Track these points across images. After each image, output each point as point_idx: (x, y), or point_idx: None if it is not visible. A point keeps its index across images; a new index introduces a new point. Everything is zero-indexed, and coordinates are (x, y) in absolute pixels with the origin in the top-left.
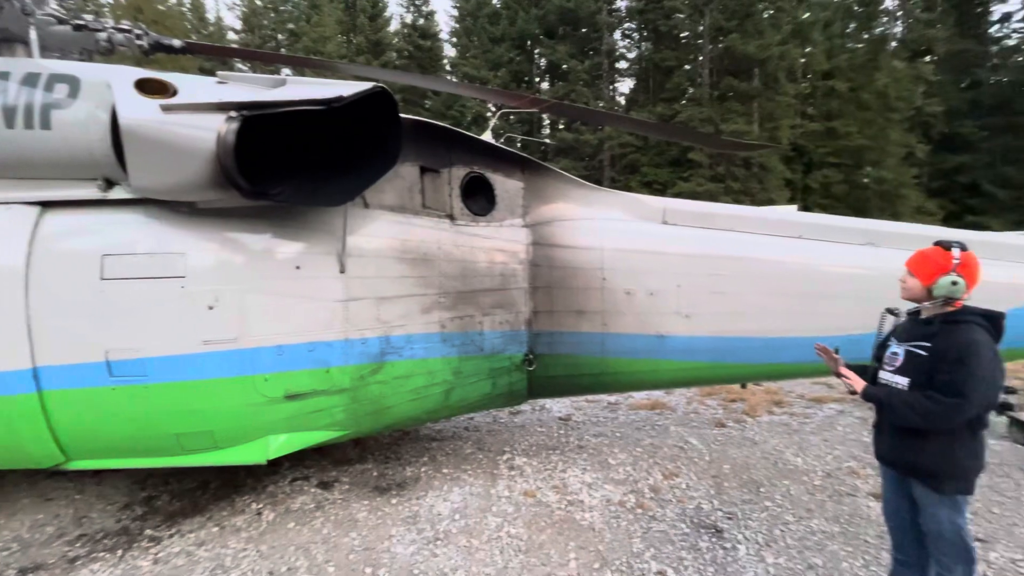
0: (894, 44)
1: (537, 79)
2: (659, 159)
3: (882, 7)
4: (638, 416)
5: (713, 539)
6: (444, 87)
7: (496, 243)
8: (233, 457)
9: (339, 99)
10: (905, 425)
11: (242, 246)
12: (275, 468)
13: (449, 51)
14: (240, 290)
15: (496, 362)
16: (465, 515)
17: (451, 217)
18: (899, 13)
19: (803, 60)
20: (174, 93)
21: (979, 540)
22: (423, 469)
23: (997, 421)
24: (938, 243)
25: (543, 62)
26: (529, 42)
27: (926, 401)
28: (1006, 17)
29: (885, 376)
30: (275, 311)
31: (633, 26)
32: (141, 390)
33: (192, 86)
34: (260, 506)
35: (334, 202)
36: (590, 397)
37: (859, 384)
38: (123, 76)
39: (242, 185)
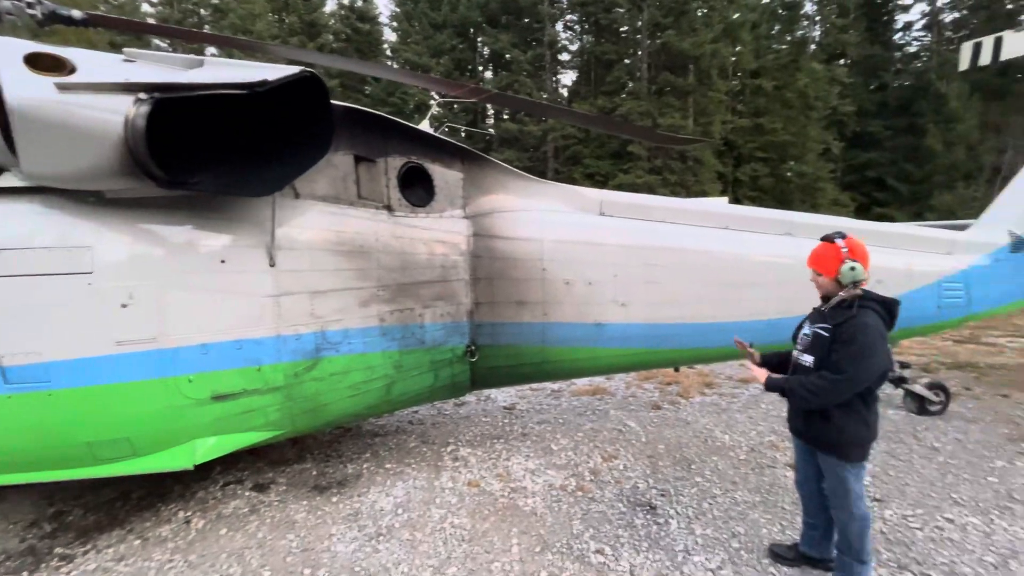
0: (813, 47)
1: (480, 68)
2: (601, 151)
3: (802, 11)
4: (580, 402)
5: (648, 516)
6: (384, 73)
7: (436, 234)
8: (155, 464)
9: (263, 84)
10: (805, 406)
11: (159, 239)
12: (205, 473)
13: (389, 35)
14: (158, 286)
15: (438, 354)
16: (408, 509)
17: (389, 208)
18: (817, 18)
19: (733, 59)
20: (72, 71)
21: (876, 500)
22: (365, 465)
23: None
24: (824, 239)
25: (486, 51)
26: (472, 30)
27: (818, 380)
28: (907, 26)
29: (796, 355)
30: (198, 308)
31: (575, 18)
32: (43, 397)
33: (93, 63)
34: (188, 514)
35: (261, 192)
36: (534, 386)
37: (761, 376)
38: (10, 49)
39: (156, 173)
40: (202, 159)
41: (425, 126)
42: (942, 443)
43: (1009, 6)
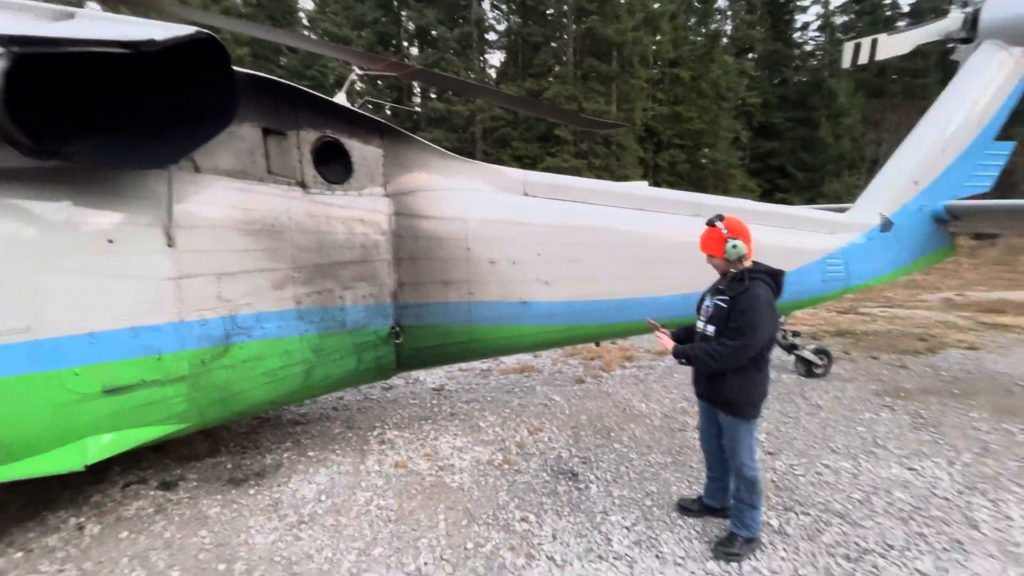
0: (725, 40)
1: (406, 44)
2: (529, 134)
3: (716, 5)
4: (508, 380)
5: (570, 483)
6: (299, 43)
7: (355, 213)
8: (39, 468)
9: (150, 44)
10: (707, 370)
11: (32, 217)
12: (101, 475)
13: (305, 3)
14: (30, 270)
15: (361, 337)
16: (332, 495)
17: (302, 184)
18: (729, 12)
19: (654, 48)
20: None
21: (769, 453)
22: (286, 455)
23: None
24: (707, 224)
25: (411, 26)
26: (395, 2)
27: (718, 346)
28: (805, 26)
29: (700, 325)
30: (83, 293)
31: None
32: None
33: None
34: (82, 520)
35: (152, 164)
36: (463, 366)
37: (669, 346)
38: None
39: (20, 140)
40: (79, 126)
41: (341, 99)
42: (824, 401)
43: (887, 13)
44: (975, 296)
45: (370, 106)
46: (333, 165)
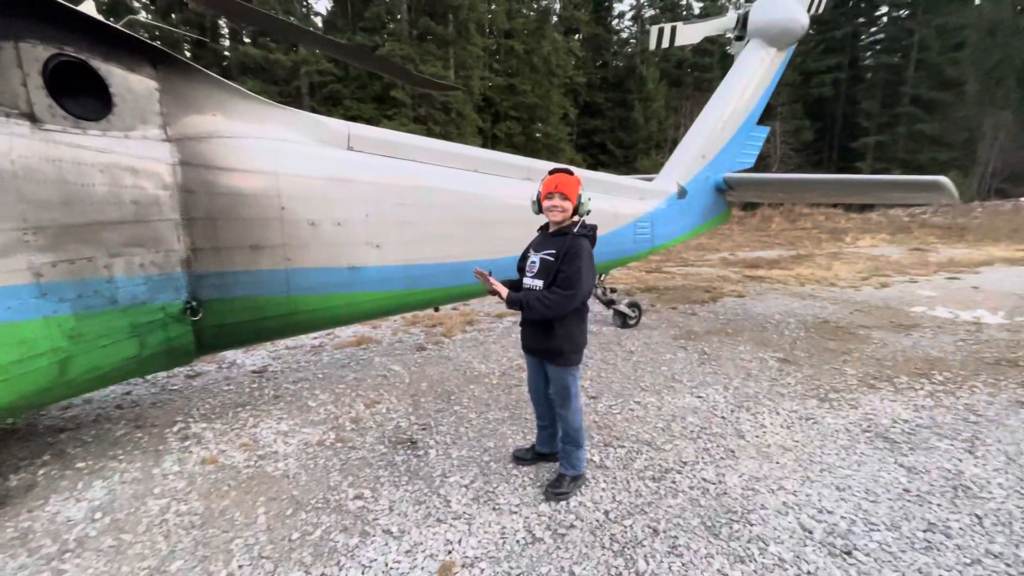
0: (555, 18)
1: None
2: (363, 93)
3: None
4: (344, 354)
5: (408, 451)
6: None
7: (120, 159)
8: None
9: None
10: (539, 318)
11: None
12: None
13: None
14: None
15: (142, 315)
16: (112, 510)
17: (31, 117)
18: None
19: (489, 16)
20: None
21: (592, 397)
22: (41, 472)
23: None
24: (561, 170)
25: None
26: None
27: (551, 295)
28: (621, 15)
29: (527, 281)
30: None
31: None
32: None
33: None
34: None
35: None
36: (291, 343)
37: (504, 292)
38: None
39: None
40: None
41: (88, 8)
42: (635, 347)
43: (684, 12)
44: (742, 255)
45: (147, 33)
46: (82, 97)
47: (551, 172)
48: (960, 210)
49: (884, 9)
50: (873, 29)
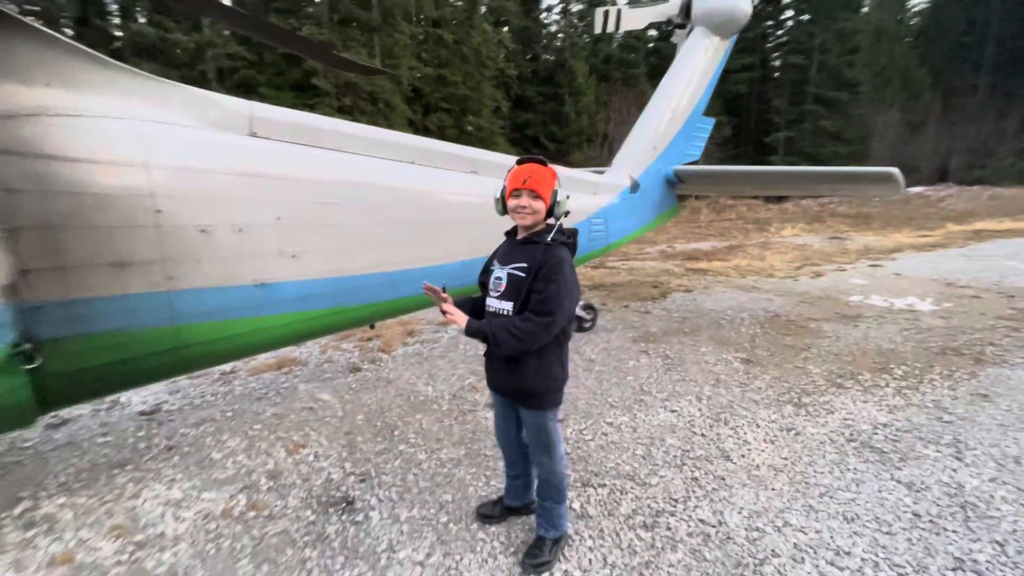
0: (484, 9)
1: None
2: (280, 80)
3: None
4: (260, 382)
5: (344, 516)
6: None
7: None
8: None
9: None
10: (510, 353)
11: None
12: None
13: None
14: None
15: None
16: None
17: None
18: None
19: (416, 3)
20: None
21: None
22: None
23: None
24: (529, 160)
25: None
26: None
27: (523, 323)
28: (549, 8)
29: (492, 303)
30: None
31: None
32: None
33: None
34: None
35: None
36: (194, 373)
37: (462, 321)
38: None
39: None
40: None
41: None
42: (595, 354)
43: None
44: (679, 247)
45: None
46: None
47: (519, 162)
48: (860, 200)
49: (790, 13)
50: (780, 32)
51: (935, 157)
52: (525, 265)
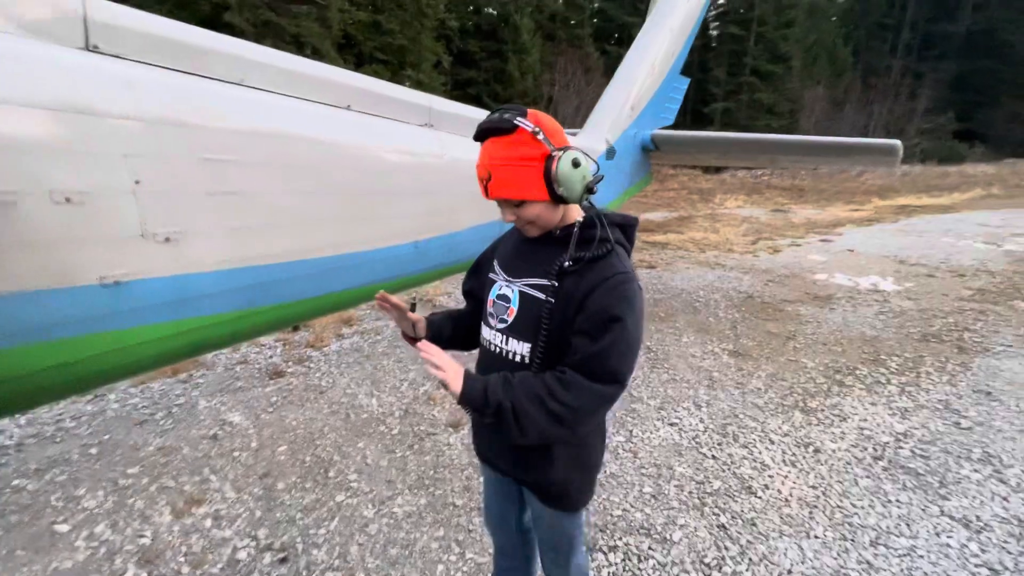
0: None
1: None
2: (183, 15)
3: None
4: (145, 397)
5: None
6: None
7: None
8: None
9: None
10: (539, 443)
11: None
12: None
13: None
14: None
15: None
16: None
17: None
18: None
19: None
20: None
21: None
22: None
23: None
24: (492, 129)
25: None
26: None
27: (567, 393)
28: None
29: (493, 338)
30: None
31: None
32: None
33: None
34: None
35: None
36: None
37: (455, 381)
38: None
39: None
40: None
41: None
42: None
43: None
44: None
45: None
46: None
47: (476, 137)
48: (790, 173)
49: None
50: (721, 1)
51: (853, 134)
52: (552, 285)
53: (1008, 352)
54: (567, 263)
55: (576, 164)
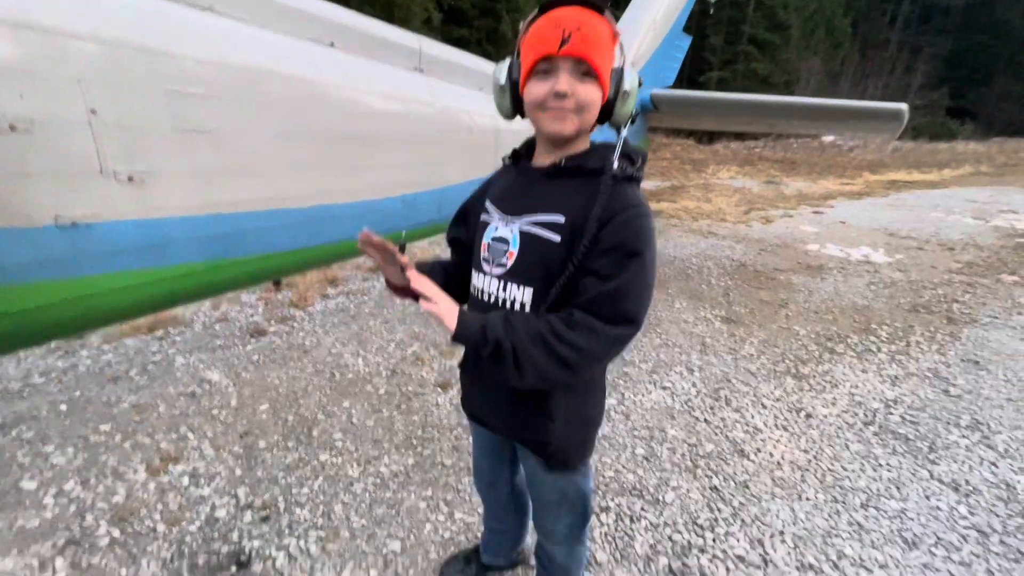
0: None
1: None
2: None
3: None
4: (119, 354)
5: None
6: None
7: None
8: None
9: None
10: (538, 386)
11: None
12: None
13: None
14: None
15: None
16: None
17: None
18: None
19: None
20: None
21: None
22: None
23: None
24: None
25: None
26: None
27: (575, 334)
28: None
29: (487, 285)
30: None
31: None
32: None
33: None
34: None
35: None
36: None
37: (448, 313)
38: None
39: None
40: None
41: None
42: None
43: None
44: None
45: None
46: None
47: (547, 5)
48: (782, 145)
49: None
50: None
51: None
52: (562, 220)
53: (995, 323)
54: (556, 196)
55: (636, 81)
